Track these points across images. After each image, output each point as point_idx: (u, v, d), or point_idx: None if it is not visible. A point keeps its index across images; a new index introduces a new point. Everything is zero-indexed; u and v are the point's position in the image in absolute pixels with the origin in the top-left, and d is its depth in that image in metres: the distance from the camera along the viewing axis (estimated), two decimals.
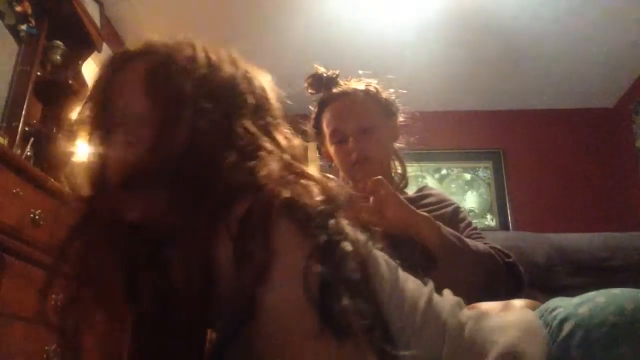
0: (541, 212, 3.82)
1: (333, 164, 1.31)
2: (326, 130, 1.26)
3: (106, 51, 2.95)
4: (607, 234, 1.79)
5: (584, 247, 1.72)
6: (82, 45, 2.49)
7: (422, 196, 1.26)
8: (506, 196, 3.93)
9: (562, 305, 0.63)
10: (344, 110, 1.23)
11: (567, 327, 0.58)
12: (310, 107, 1.34)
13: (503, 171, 4.00)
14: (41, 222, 1.69)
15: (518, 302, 0.77)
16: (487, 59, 3.48)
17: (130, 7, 3.05)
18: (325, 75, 1.29)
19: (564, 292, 0.74)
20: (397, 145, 1.31)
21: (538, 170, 3.97)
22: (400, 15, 3.05)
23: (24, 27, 2.12)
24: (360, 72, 1.32)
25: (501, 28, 3.16)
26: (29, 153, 2.10)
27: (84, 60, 2.55)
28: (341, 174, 1.27)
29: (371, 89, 1.27)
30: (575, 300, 0.63)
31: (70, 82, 2.38)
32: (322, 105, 1.28)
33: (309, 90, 1.31)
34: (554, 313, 0.62)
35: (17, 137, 2.03)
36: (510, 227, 3.82)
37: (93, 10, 2.56)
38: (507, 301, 0.79)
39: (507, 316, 0.64)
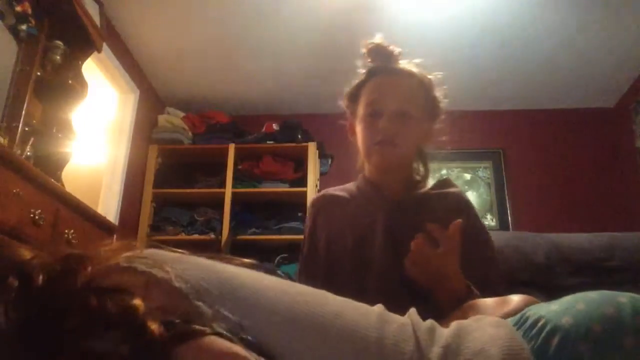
0: (541, 212, 3.82)
1: (352, 139, 1.22)
2: (364, 98, 1.17)
3: (106, 51, 2.96)
4: (607, 234, 1.78)
5: (584, 247, 1.72)
6: (82, 45, 2.49)
7: (440, 196, 1.18)
8: (506, 196, 3.93)
9: (542, 314, 0.61)
10: (391, 87, 1.15)
11: (555, 342, 0.57)
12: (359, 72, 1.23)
13: (503, 171, 4.00)
14: (41, 222, 1.69)
15: (515, 298, 0.76)
16: (487, 59, 3.48)
17: (130, 7, 3.05)
18: (388, 47, 1.19)
19: (564, 292, 0.73)
20: (428, 148, 1.23)
21: (538, 170, 3.98)
22: (400, 16, 3.05)
23: (24, 27, 2.12)
24: (418, 60, 1.21)
25: (501, 28, 3.17)
26: (29, 153, 2.10)
27: (84, 60, 2.55)
28: (360, 151, 1.19)
29: (426, 80, 1.18)
30: (555, 307, 0.62)
31: (70, 82, 2.39)
32: (371, 73, 1.19)
33: (367, 59, 1.21)
34: (538, 325, 0.60)
35: (17, 137, 2.03)
36: (510, 227, 3.82)
37: (93, 10, 2.56)
38: (504, 297, 0.78)
39: (486, 338, 0.59)
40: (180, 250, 0.59)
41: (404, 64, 1.19)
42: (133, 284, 0.49)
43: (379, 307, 0.61)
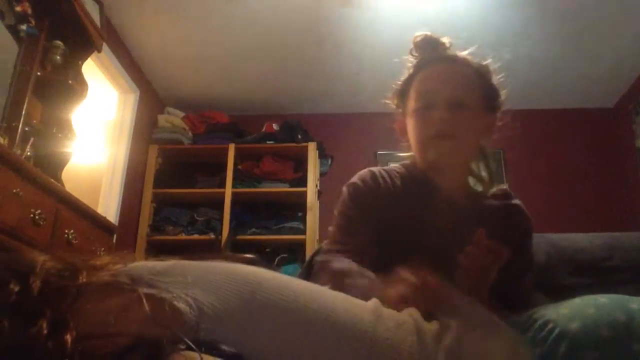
0: (541, 211, 3.81)
1: (404, 140, 1.10)
2: (413, 92, 1.05)
3: (106, 51, 2.96)
4: (607, 234, 1.78)
5: (584, 247, 1.71)
6: (82, 45, 2.49)
7: (503, 209, 1.07)
8: None
9: (551, 318, 0.59)
10: (444, 75, 1.03)
11: (562, 349, 0.55)
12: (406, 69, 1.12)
13: (503, 171, 4.00)
14: (41, 222, 1.69)
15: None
16: (487, 59, 3.48)
17: (130, 7, 3.05)
18: (438, 38, 1.09)
19: (564, 292, 0.72)
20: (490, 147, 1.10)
21: (538, 170, 3.97)
22: (400, 16, 3.05)
23: (24, 27, 2.12)
24: (472, 48, 1.12)
25: (500, 28, 3.17)
26: (29, 153, 2.10)
27: (84, 60, 2.55)
28: (412, 149, 1.06)
29: (483, 67, 1.08)
30: (564, 310, 0.60)
31: (70, 82, 2.38)
32: (419, 66, 1.07)
33: (414, 52, 1.10)
34: (546, 329, 0.58)
35: (17, 137, 2.03)
36: None
37: (93, 10, 2.56)
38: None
39: (490, 346, 0.58)
40: (170, 260, 0.59)
41: (457, 52, 1.09)
42: (116, 301, 0.49)
43: (374, 302, 0.60)
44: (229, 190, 3.61)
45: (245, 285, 0.53)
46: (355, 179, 1.07)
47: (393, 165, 1.12)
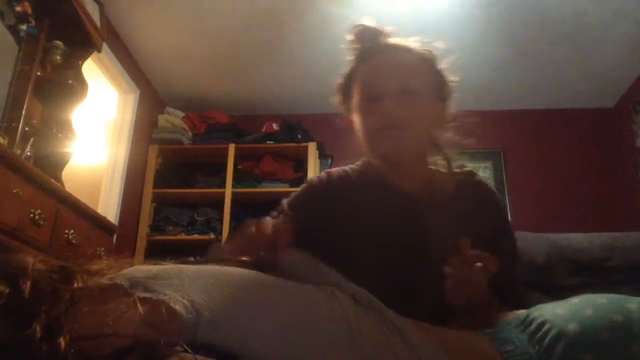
0: (541, 212, 3.82)
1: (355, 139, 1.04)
2: (358, 86, 1.00)
3: (106, 51, 2.96)
4: (607, 234, 1.78)
5: (584, 247, 1.71)
6: (82, 45, 2.49)
7: (466, 190, 1.01)
8: (506, 196, 3.93)
9: (549, 318, 0.59)
10: (388, 65, 0.98)
11: (559, 350, 0.55)
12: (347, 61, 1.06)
13: (503, 171, 4.00)
14: (41, 222, 1.69)
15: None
16: (487, 59, 3.48)
17: (130, 7, 3.05)
18: (377, 27, 1.02)
19: (564, 292, 0.72)
20: (445, 135, 1.03)
21: (538, 170, 3.97)
22: (399, 16, 3.05)
23: (24, 27, 2.12)
24: (415, 39, 1.05)
25: (501, 28, 3.16)
26: (29, 153, 2.10)
27: (84, 60, 2.55)
28: (362, 145, 1.01)
29: (427, 53, 1.01)
30: (561, 310, 0.59)
31: (70, 82, 2.38)
32: (361, 57, 1.01)
33: (354, 44, 1.03)
34: (543, 329, 0.57)
35: (17, 137, 2.03)
36: None
37: (93, 10, 2.56)
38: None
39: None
40: (167, 264, 0.59)
41: (398, 40, 1.03)
42: (115, 304, 0.49)
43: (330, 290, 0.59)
44: (229, 190, 3.61)
45: (240, 288, 0.53)
46: (313, 178, 1.09)
47: (354, 164, 1.10)
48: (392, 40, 1.02)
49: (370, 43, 1.02)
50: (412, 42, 1.03)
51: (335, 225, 0.98)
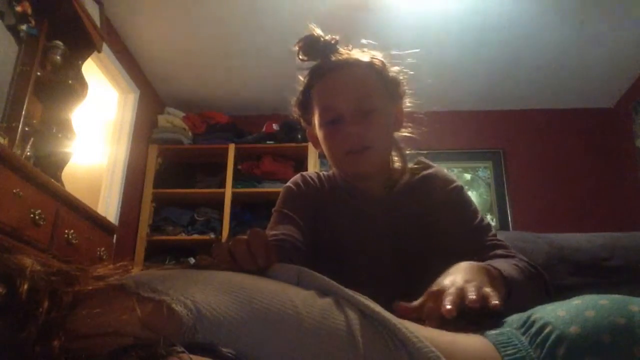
0: (541, 212, 3.82)
1: (319, 150, 1.09)
2: (317, 107, 1.04)
3: (106, 51, 2.96)
4: (607, 234, 1.78)
5: (584, 247, 1.71)
6: (82, 45, 2.49)
7: (421, 182, 1.05)
8: (506, 196, 3.93)
9: (550, 320, 0.58)
10: (343, 85, 1.00)
11: (560, 352, 0.54)
12: (299, 76, 1.11)
13: (503, 171, 4.00)
14: (41, 222, 1.69)
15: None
16: (487, 59, 3.48)
17: (130, 7, 3.05)
18: (322, 39, 1.05)
19: (564, 292, 0.72)
20: (399, 134, 1.09)
21: (538, 170, 3.98)
22: (400, 16, 3.05)
23: (24, 27, 2.12)
24: (364, 41, 1.08)
25: (501, 28, 3.17)
26: (29, 153, 2.10)
27: (84, 60, 2.55)
28: (329, 161, 1.05)
29: (377, 62, 1.04)
30: (562, 312, 0.59)
31: (70, 82, 2.38)
32: (314, 75, 1.06)
33: (300, 57, 1.09)
34: (545, 331, 0.57)
35: (17, 137, 2.03)
36: (510, 227, 3.82)
37: (93, 10, 2.56)
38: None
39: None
40: (171, 267, 0.59)
41: (346, 52, 1.05)
42: (118, 306, 0.49)
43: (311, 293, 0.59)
44: (229, 190, 3.61)
45: (242, 290, 0.54)
46: (289, 182, 1.11)
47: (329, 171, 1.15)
48: (341, 53, 1.05)
49: (320, 58, 1.06)
50: (359, 53, 1.06)
51: (316, 226, 1.03)
